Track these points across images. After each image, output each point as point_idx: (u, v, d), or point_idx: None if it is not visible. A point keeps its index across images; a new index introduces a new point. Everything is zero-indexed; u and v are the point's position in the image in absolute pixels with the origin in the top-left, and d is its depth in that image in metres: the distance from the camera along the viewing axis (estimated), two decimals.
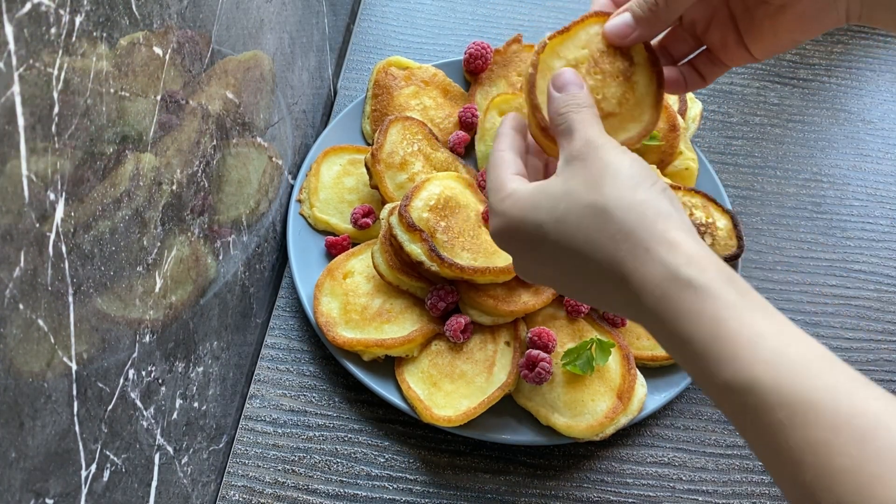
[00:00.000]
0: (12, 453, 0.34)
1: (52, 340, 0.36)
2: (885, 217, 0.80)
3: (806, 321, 0.73)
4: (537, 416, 0.63)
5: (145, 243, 0.45)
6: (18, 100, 0.31)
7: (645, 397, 0.64)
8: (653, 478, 0.64)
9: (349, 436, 0.65)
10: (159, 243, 0.47)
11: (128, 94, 0.40)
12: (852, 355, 0.71)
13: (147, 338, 0.47)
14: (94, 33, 0.36)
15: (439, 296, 0.65)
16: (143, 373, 0.47)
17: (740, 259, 0.71)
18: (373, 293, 0.68)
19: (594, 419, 0.62)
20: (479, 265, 0.64)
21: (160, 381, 0.49)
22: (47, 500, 0.37)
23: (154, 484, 0.50)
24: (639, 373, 0.65)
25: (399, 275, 0.67)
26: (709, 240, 0.71)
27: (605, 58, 0.48)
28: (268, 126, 0.67)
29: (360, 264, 0.70)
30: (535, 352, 0.62)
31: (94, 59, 0.36)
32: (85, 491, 0.41)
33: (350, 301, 0.68)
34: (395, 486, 0.63)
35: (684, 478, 0.64)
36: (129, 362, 0.45)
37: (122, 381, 0.44)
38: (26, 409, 0.34)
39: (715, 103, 0.88)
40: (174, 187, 0.48)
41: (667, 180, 0.75)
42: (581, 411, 0.62)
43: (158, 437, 0.50)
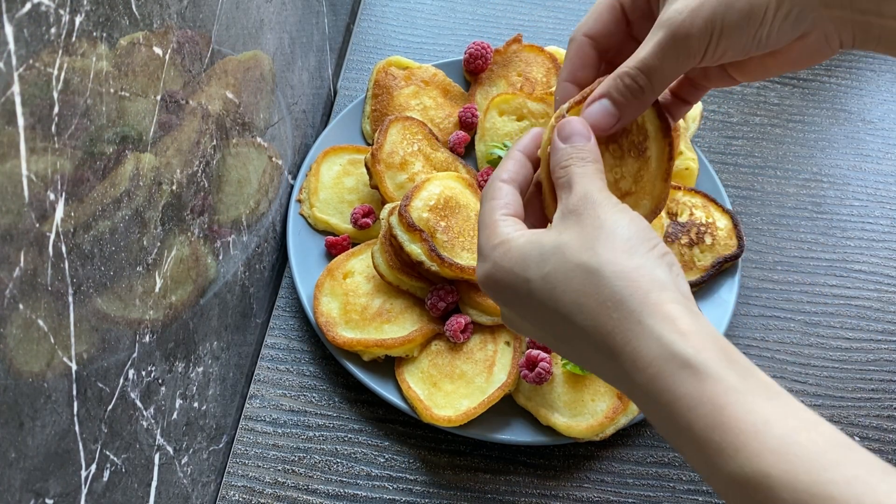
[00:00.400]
0: (12, 453, 0.34)
1: (52, 340, 0.36)
2: (885, 217, 0.80)
3: (806, 321, 0.73)
4: (537, 416, 0.63)
5: (145, 243, 0.45)
6: (18, 100, 0.31)
7: None
8: (653, 478, 0.64)
9: (349, 436, 0.65)
10: (159, 243, 0.47)
11: (128, 94, 0.40)
12: (852, 355, 0.71)
13: (147, 338, 0.47)
14: (94, 33, 0.36)
15: (439, 296, 0.65)
16: (143, 373, 0.47)
17: (740, 259, 0.71)
18: (373, 293, 0.68)
19: (594, 419, 0.62)
20: None
21: (160, 381, 0.49)
22: (47, 500, 0.37)
23: (154, 484, 0.50)
24: None
25: (399, 275, 0.67)
26: (709, 240, 0.71)
27: (621, 134, 0.45)
28: (268, 126, 0.67)
29: (360, 264, 0.70)
30: (535, 352, 0.62)
31: (94, 59, 0.36)
32: (85, 491, 0.41)
33: (350, 301, 0.68)
34: (395, 486, 0.63)
35: (684, 478, 0.64)
36: (129, 362, 0.45)
37: (122, 381, 0.44)
38: (26, 409, 0.34)
39: (715, 103, 0.88)
40: (174, 187, 0.48)
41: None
42: (581, 411, 0.62)
43: (158, 437, 0.50)
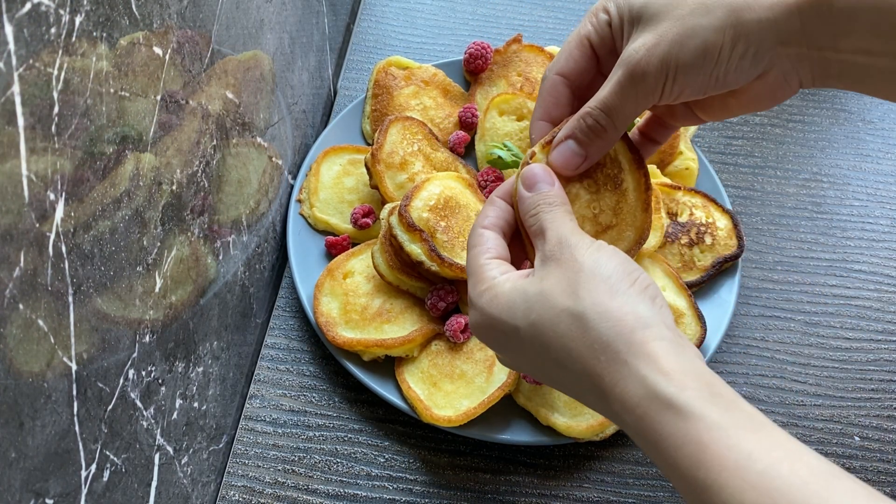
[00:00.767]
0: (12, 453, 0.34)
1: (52, 340, 0.36)
2: (885, 217, 0.80)
3: (806, 321, 0.73)
4: (537, 416, 0.63)
5: (145, 243, 0.45)
6: (18, 100, 0.31)
7: None
8: (653, 478, 0.64)
9: (349, 436, 0.65)
10: (159, 243, 0.47)
11: (128, 94, 0.40)
12: (852, 355, 0.71)
13: (147, 338, 0.47)
14: (94, 33, 0.36)
15: (439, 296, 0.65)
16: (143, 373, 0.47)
17: (740, 259, 0.71)
18: (373, 293, 0.68)
19: (594, 419, 0.62)
20: None
21: (160, 381, 0.49)
22: (47, 500, 0.37)
23: (154, 484, 0.50)
24: None
25: (399, 275, 0.67)
26: (709, 239, 0.71)
27: (595, 168, 0.46)
28: (268, 126, 0.67)
29: (360, 264, 0.70)
30: None
31: (94, 59, 0.36)
32: (85, 491, 0.41)
33: (350, 301, 0.68)
34: (395, 486, 0.63)
35: None
36: (129, 362, 0.45)
37: (122, 381, 0.44)
38: (26, 409, 0.34)
39: None
40: (174, 187, 0.48)
41: (667, 180, 0.75)
42: (581, 411, 0.62)
43: (158, 437, 0.50)
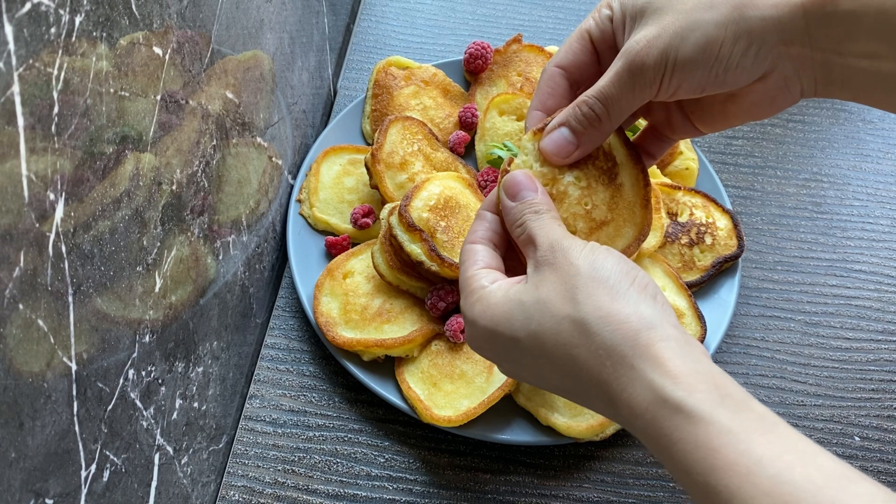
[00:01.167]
0: (12, 453, 0.34)
1: (52, 340, 0.36)
2: (885, 217, 0.80)
3: (806, 321, 0.73)
4: (537, 416, 0.63)
5: (145, 243, 0.45)
6: (18, 100, 0.31)
7: None
8: (653, 478, 0.64)
9: (349, 436, 0.65)
10: (159, 243, 0.47)
11: (128, 94, 0.40)
12: (852, 355, 0.71)
13: (147, 338, 0.47)
14: (94, 33, 0.36)
15: (439, 296, 0.65)
16: (143, 373, 0.47)
17: (740, 259, 0.71)
18: (373, 293, 0.68)
19: (594, 419, 0.62)
20: None
21: (160, 381, 0.49)
22: (47, 500, 0.37)
23: (154, 484, 0.50)
24: None
25: (399, 275, 0.67)
26: (709, 239, 0.71)
27: (587, 162, 0.45)
28: (268, 126, 0.67)
29: (360, 264, 0.70)
30: None
31: (94, 59, 0.36)
32: (85, 491, 0.41)
33: (350, 301, 0.68)
34: (395, 486, 0.63)
35: None
36: (129, 362, 0.45)
37: (121, 381, 0.44)
38: (26, 409, 0.34)
39: None
40: (174, 187, 0.48)
41: (667, 180, 0.75)
42: (581, 411, 0.62)
43: (158, 437, 0.50)
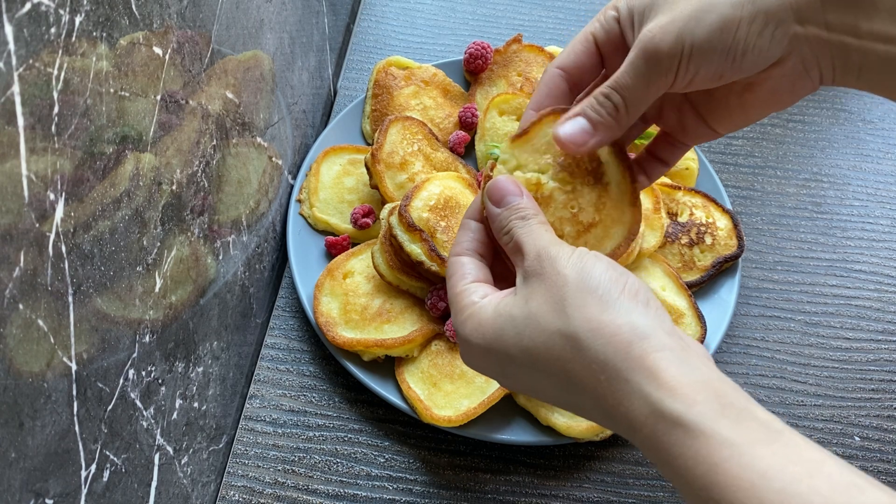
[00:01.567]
0: (12, 453, 0.34)
1: (52, 340, 0.36)
2: (885, 217, 0.80)
3: (806, 321, 0.73)
4: (537, 416, 0.63)
5: (145, 243, 0.45)
6: (18, 100, 0.31)
7: None
8: (653, 478, 0.64)
9: (349, 436, 0.65)
10: (159, 243, 0.47)
11: (128, 94, 0.40)
12: (852, 355, 0.71)
13: (147, 338, 0.47)
14: (94, 33, 0.36)
15: (439, 296, 0.65)
16: (143, 373, 0.47)
17: (740, 259, 0.71)
18: (373, 293, 0.68)
19: None
20: None
21: (160, 381, 0.49)
22: (47, 501, 0.37)
23: (154, 484, 0.50)
24: None
25: (399, 275, 0.67)
26: (709, 239, 0.71)
27: (571, 162, 0.43)
28: (268, 126, 0.67)
29: (360, 264, 0.70)
30: None
31: (94, 59, 0.36)
32: (85, 491, 0.41)
33: (350, 301, 0.68)
34: (395, 486, 0.63)
35: None
36: (129, 362, 0.45)
37: (121, 381, 0.44)
38: (26, 409, 0.34)
39: None
40: (174, 187, 0.48)
41: (667, 180, 0.75)
42: None
43: (158, 437, 0.50)
